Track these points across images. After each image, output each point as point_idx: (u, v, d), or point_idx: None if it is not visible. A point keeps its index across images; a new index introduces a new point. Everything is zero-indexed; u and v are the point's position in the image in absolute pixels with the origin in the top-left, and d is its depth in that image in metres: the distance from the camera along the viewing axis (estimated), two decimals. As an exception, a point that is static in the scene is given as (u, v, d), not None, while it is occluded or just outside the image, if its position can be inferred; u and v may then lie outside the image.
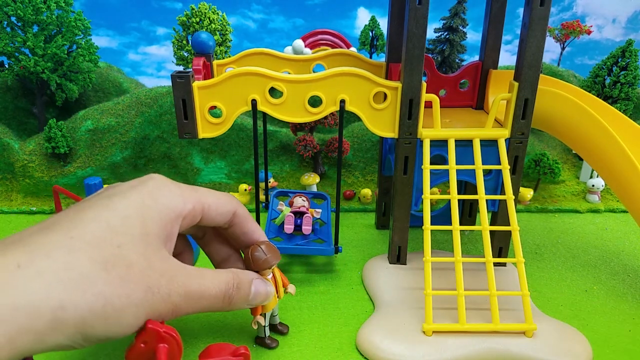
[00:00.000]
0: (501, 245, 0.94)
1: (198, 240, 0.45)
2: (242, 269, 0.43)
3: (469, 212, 1.12)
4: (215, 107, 0.84)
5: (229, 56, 1.18)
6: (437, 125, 0.85)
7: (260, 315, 0.57)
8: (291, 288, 0.68)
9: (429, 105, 0.84)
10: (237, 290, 0.35)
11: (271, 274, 0.50)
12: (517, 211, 1.24)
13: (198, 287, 0.32)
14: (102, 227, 0.28)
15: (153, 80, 1.73)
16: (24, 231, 0.28)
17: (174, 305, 0.31)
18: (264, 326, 0.66)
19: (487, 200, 0.83)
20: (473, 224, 1.12)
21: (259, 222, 0.99)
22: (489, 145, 0.86)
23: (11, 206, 1.28)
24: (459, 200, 0.83)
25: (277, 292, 0.61)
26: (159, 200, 0.32)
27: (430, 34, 1.38)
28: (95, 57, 1.38)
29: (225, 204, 0.38)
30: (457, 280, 0.77)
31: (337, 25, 1.69)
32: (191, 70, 0.82)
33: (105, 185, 1.29)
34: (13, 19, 1.27)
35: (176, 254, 0.37)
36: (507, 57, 1.55)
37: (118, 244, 0.28)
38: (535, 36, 0.78)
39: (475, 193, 0.84)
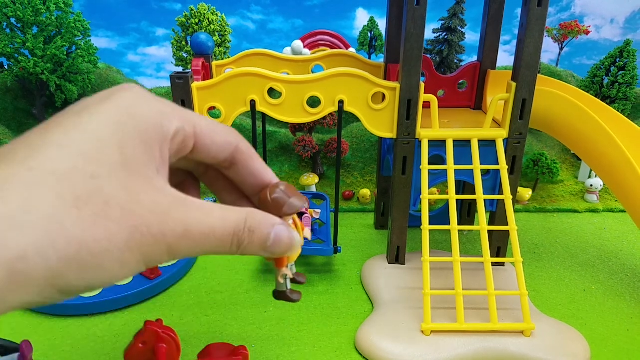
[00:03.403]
0: (499, 245, 0.94)
1: (200, 177, 0.35)
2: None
3: (467, 212, 1.13)
4: (214, 107, 0.84)
5: (228, 57, 1.19)
6: (435, 126, 0.85)
7: (286, 267, 0.48)
8: (307, 232, 0.58)
9: (427, 105, 0.84)
10: (249, 234, 0.27)
11: (291, 219, 0.40)
12: (516, 211, 1.24)
13: (200, 226, 0.25)
14: (70, 153, 0.22)
15: (152, 81, 1.73)
16: None
17: (168, 246, 0.24)
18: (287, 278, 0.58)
19: (485, 200, 0.84)
20: (472, 224, 1.12)
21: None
22: (487, 146, 0.86)
23: (11, 207, 1.28)
24: (457, 200, 0.83)
25: None
26: (137, 117, 0.25)
27: (429, 34, 1.38)
28: (94, 58, 1.38)
29: (222, 133, 0.29)
30: (455, 280, 0.77)
31: (336, 26, 1.69)
32: (190, 71, 0.82)
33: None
34: (13, 20, 1.27)
35: (175, 184, 0.28)
36: (506, 57, 1.55)
37: (91, 174, 0.22)
38: (533, 37, 0.78)
39: (474, 193, 0.84)
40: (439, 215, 1.12)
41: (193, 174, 0.35)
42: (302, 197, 0.36)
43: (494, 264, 0.94)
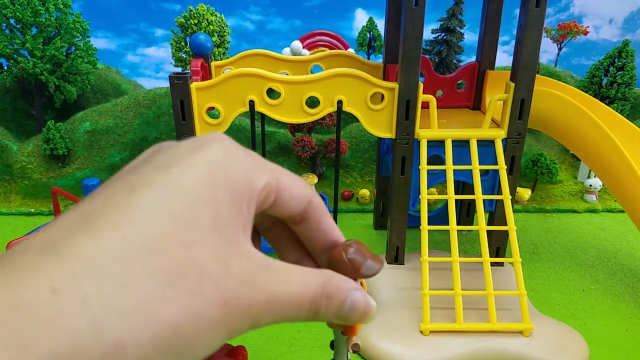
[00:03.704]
0: (498, 245, 0.94)
1: (264, 233, 0.32)
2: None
3: (466, 212, 1.13)
4: (213, 108, 0.84)
5: (227, 57, 1.19)
6: (434, 126, 0.85)
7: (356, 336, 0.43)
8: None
9: (426, 105, 0.84)
10: (327, 300, 0.25)
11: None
12: (515, 211, 1.24)
13: (282, 293, 0.23)
14: (163, 218, 0.20)
15: (151, 82, 1.73)
16: (54, 226, 0.19)
17: (253, 319, 0.22)
18: (345, 350, 0.51)
19: (484, 200, 0.84)
20: (471, 224, 1.12)
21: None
22: (486, 146, 0.86)
23: (10, 207, 1.28)
24: (456, 200, 0.83)
25: None
26: (230, 174, 0.23)
27: (428, 35, 1.39)
28: (93, 58, 1.38)
29: (301, 187, 0.26)
30: (454, 280, 0.77)
31: (335, 26, 1.69)
32: (189, 71, 0.82)
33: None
34: (12, 21, 1.27)
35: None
36: (505, 57, 1.56)
37: (186, 243, 0.20)
38: (531, 37, 0.78)
39: (473, 193, 0.84)
40: (438, 215, 1.12)
41: (256, 228, 0.32)
42: (379, 259, 0.34)
43: (493, 264, 0.94)
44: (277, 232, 0.32)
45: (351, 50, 1.39)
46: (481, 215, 0.81)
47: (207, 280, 0.21)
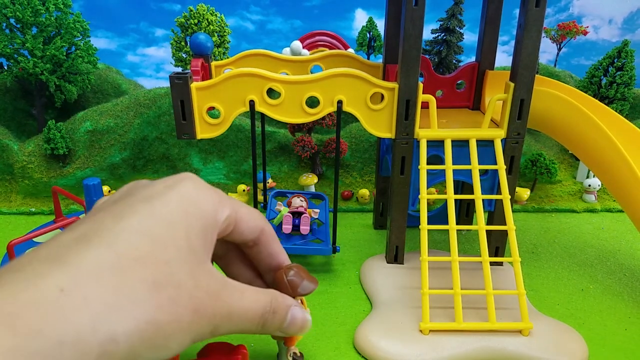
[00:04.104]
0: (498, 245, 0.94)
1: (218, 260, 0.40)
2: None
3: (465, 212, 1.13)
4: (213, 108, 0.84)
5: (227, 57, 1.19)
6: (433, 126, 0.85)
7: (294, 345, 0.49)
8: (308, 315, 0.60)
9: (425, 105, 0.85)
10: (272, 315, 0.31)
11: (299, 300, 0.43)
12: (514, 211, 1.24)
13: (239, 308, 0.28)
14: (147, 239, 0.24)
15: (152, 82, 1.73)
16: (55, 243, 0.23)
17: (214, 326, 0.27)
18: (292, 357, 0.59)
19: (483, 200, 0.84)
20: (470, 223, 1.13)
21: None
22: (486, 146, 0.86)
23: (10, 207, 1.28)
24: (456, 200, 0.84)
25: None
26: (199, 206, 0.28)
27: (427, 34, 1.39)
28: (94, 58, 1.39)
29: (255, 218, 0.34)
30: (453, 280, 0.77)
31: (334, 26, 1.69)
32: (189, 71, 0.83)
33: (106, 188, 1.30)
34: (12, 20, 1.28)
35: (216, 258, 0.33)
36: (504, 57, 1.56)
37: (166, 259, 0.24)
38: (531, 37, 0.78)
39: (472, 193, 0.84)
40: (438, 215, 1.13)
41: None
42: (314, 280, 0.40)
43: (492, 264, 0.94)
44: (230, 257, 0.39)
45: (351, 50, 1.40)
46: (480, 215, 0.81)
47: (182, 290, 0.25)
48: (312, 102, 0.84)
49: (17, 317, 0.18)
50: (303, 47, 1.35)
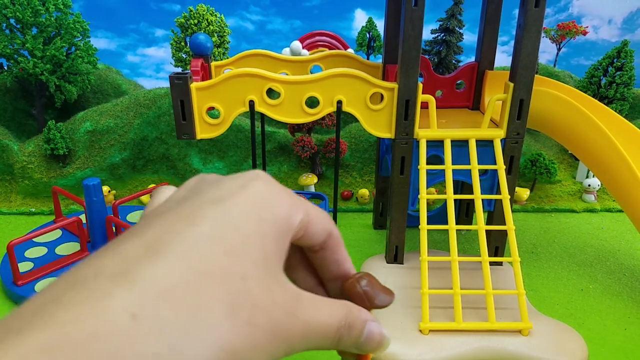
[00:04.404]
0: (497, 245, 0.94)
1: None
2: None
3: (465, 212, 1.13)
4: (213, 108, 0.84)
5: (227, 57, 1.19)
6: (433, 126, 0.85)
7: None
8: None
9: (425, 105, 0.85)
10: (348, 330, 0.27)
11: None
12: (514, 211, 1.24)
13: (316, 324, 0.25)
14: (223, 249, 0.21)
15: (152, 82, 1.73)
16: (121, 252, 0.20)
17: (290, 347, 0.24)
18: None
19: (483, 200, 0.84)
20: (470, 223, 1.13)
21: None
22: (485, 146, 0.86)
23: (10, 207, 1.28)
24: (455, 200, 0.84)
25: None
26: (274, 210, 0.25)
27: (427, 35, 1.39)
28: (94, 58, 1.39)
29: (324, 220, 0.29)
30: (453, 280, 0.77)
31: (334, 26, 1.70)
32: (189, 71, 0.83)
33: (106, 188, 1.30)
34: (12, 21, 1.28)
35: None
36: (504, 58, 1.56)
37: (242, 274, 0.21)
38: (530, 37, 0.78)
39: (472, 193, 0.84)
40: (437, 215, 1.13)
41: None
42: (389, 291, 0.36)
43: (492, 264, 0.94)
44: (293, 262, 0.34)
45: (351, 51, 1.40)
46: (480, 215, 0.81)
47: (259, 311, 0.22)
48: (312, 102, 0.84)
49: (86, 350, 0.16)
50: (303, 47, 1.35)
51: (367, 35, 1.57)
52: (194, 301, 0.20)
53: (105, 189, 1.26)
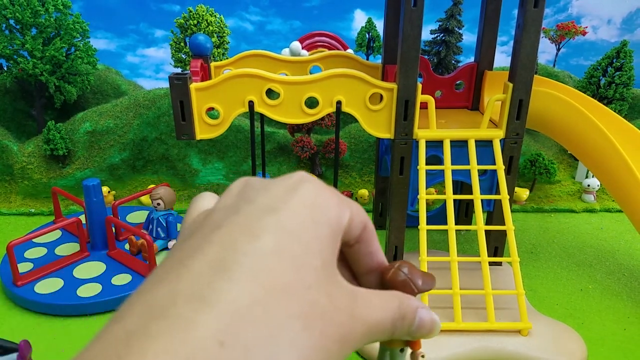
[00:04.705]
0: (497, 245, 0.94)
1: None
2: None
3: (465, 212, 1.13)
4: (212, 108, 0.85)
5: (227, 58, 1.19)
6: (432, 126, 0.86)
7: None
8: None
9: (424, 106, 0.85)
10: (401, 321, 0.27)
11: None
12: (513, 211, 1.24)
13: (374, 321, 0.25)
14: (287, 262, 0.21)
15: (151, 82, 1.73)
16: (189, 271, 0.20)
17: (353, 347, 0.24)
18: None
19: (482, 200, 0.84)
20: (469, 223, 1.13)
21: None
22: (484, 146, 0.86)
23: (10, 208, 1.28)
24: (455, 200, 0.84)
25: None
26: (325, 212, 0.24)
27: (427, 35, 1.39)
28: (93, 59, 1.39)
29: (360, 213, 0.28)
30: (452, 280, 0.77)
31: (334, 27, 1.70)
32: (189, 72, 0.83)
33: (106, 188, 1.30)
34: (12, 21, 1.28)
35: None
36: (503, 58, 1.56)
37: (308, 285, 0.22)
38: (530, 37, 0.79)
39: (471, 193, 0.84)
40: (437, 215, 1.13)
41: None
42: (430, 275, 0.37)
43: (491, 264, 0.95)
44: None
45: (350, 51, 1.40)
46: (479, 215, 0.81)
47: (327, 319, 0.22)
48: (312, 103, 0.84)
49: None
50: (302, 48, 1.35)
51: (367, 36, 1.57)
52: (271, 319, 0.20)
53: (104, 189, 1.26)
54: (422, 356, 0.42)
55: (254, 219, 0.23)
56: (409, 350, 0.40)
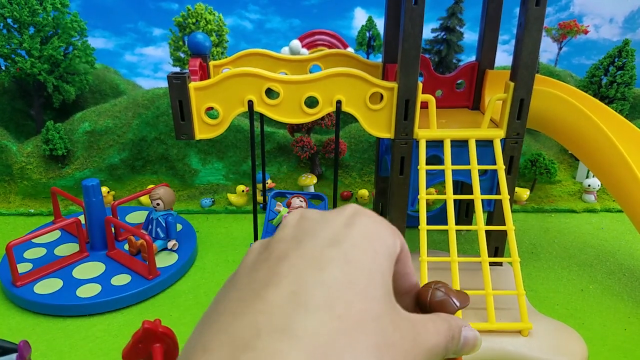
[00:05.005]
0: (497, 245, 0.94)
1: None
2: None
3: (465, 212, 1.13)
4: (212, 108, 0.84)
5: (226, 57, 1.18)
6: (433, 126, 0.85)
7: None
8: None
9: (425, 105, 0.84)
10: (451, 341, 0.28)
11: None
12: (514, 211, 1.24)
13: (431, 345, 0.26)
14: (355, 292, 0.22)
15: (150, 82, 1.73)
16: (264, 304, 0.21)
17: None
18: None
19: (483, 200, 0.84)
20: (469, 224, 1.12)
21: (256, 224, 1.00)
22: (485, 146, 0.86)
23: (9, 208, 1.28)
24: (455, 200, 0.83)
25: None
26: (383, 242, 0.25)
27: (427, 34, 1.38)
28: (91, 58, 1.38)
29: (399, 236, 0.30)
30: (452, 280, 0.77)
31: (334, 25, 1.69)
32: (187, 71, 0.82)
33: (105, 189, 1.29)
34: (9, 20, 1.27)
35: None
36: (505, 57, 1.55)
37: (376, 315, 0.22)
38: (531, 36, 0.78)
39: (471, 193, 0.84)
40: (437, 215, 1.12)
41: None
42: (464, 293, 0.37)
43: (492, 264, 0.94)
44: None
45: (350, 50, 1.39)
46: (480, 215, 0.81)
47: (395, 350, 0.23)
48: (311, 102, 0.84)
49: None
50: (302, 47, 1.35)
51: (367, 34, 1.56)
52: (349, 350, 0.21)
53: (104, 189, 1.25)
54: None
55: (318, 251, 0.24)
56: None
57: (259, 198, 1.17)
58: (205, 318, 0.22)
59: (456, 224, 0.81)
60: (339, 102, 0.82)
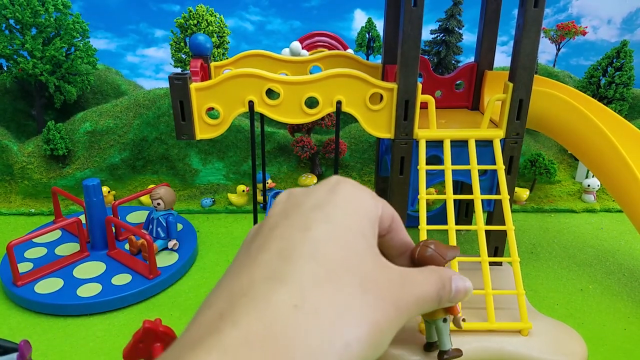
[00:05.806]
0: (497, 245, 0.94)
1: None
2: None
3: (465, 212, 1.13)
4: (212, 108, 0.84)
5: (227, 58, 1.19)
6: (432, 126, 0.85)
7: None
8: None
9: (424, 106, 0.85)
10: (443, 290, 0.31)
11: None
12: (513, 211, 1.24)
13: (421, 292, 0.29)
14: (339, 245, 0.25)
15: (151, 82, 1.73)
16: (258, 263, 0.24)
17: (407, 316, 0.28)
18: (448, 335, 0.60)
19: (482, 200, 0.84)
20: (469, 223, 1.13)
21: (256, 223, 1.00)
22: (484, 146, 0.86)
23: (10, 208, 1.28)
24: (455, 200, 0.84)
25: None
26: (363, 204, 0.29)
27: (427, 35, 1.39)
28: (93, 59, 1.39)
29: (388, 207, 0.33)
30: (453, 280, 0.77)
31: (334, 27, 1.70)
32: (189, 72, 0.83)
33: (106, 188, 1.29)
34: (11, 21, 1.28)
35: None
36: (503, 58, 1.56)
37: (358, 261, 0.25)
38: (530, 37, 0.79)
39: (471, 193, 0.84)
40: (437, 215, 1.13)
41: None
42: (454, 246, 0.42)
43: (492, 264, 0.94)
44: None
45: (350, 51, 1.40)
46: (479, 215, 0.81)
47: (381, 288, 0.26)
48: (312, 103, 0.84)
49: (267, 339, 0.20)
50: (302, 48, 1.35)
51: (367, 36, 1.57)
52: (334, 288, 0.24)
53: (104, 189, 1.26)
54: (463, 320, 0.49)
55: (305, 217, 0.27)
56: (450, 319, 0.47)
57: (259, 198, 1.17)
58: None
59: (456, 223, 0.81)
60: (339, 103, 0.83)
